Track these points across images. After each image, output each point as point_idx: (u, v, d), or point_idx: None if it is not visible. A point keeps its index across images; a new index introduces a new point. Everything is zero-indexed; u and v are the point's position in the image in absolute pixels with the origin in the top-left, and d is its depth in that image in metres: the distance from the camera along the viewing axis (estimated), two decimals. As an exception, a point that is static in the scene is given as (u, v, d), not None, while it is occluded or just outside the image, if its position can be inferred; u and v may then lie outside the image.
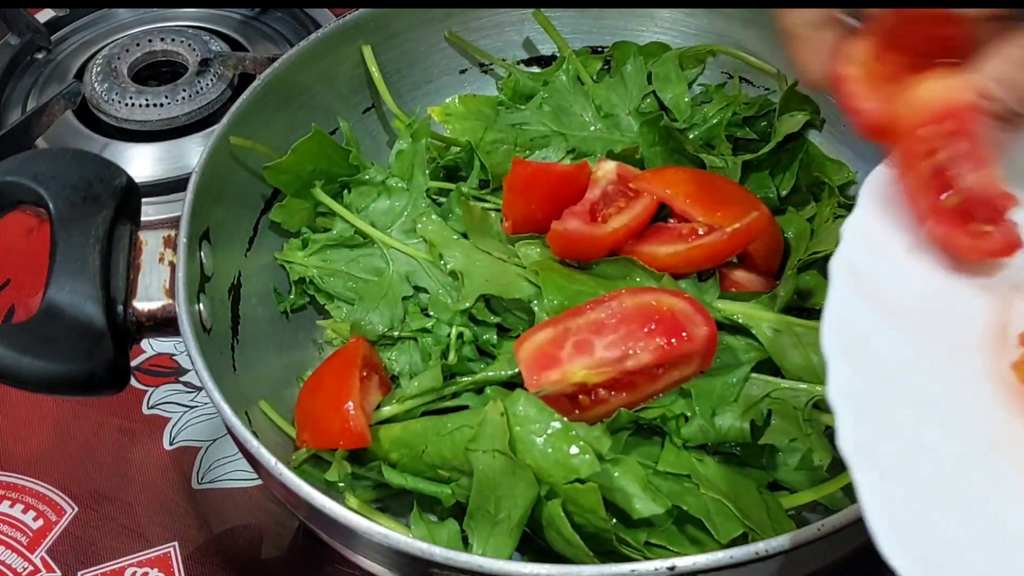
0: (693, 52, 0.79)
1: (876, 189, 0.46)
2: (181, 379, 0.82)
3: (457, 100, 0.79)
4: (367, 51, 0.77)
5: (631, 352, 0.58)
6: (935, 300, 0.45)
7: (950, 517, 0.38)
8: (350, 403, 0.59)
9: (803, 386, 0.60)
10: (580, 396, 0.59)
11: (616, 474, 0.55)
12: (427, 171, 0.73)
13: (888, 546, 0.36)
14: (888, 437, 0.39)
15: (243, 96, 0.70)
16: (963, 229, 0.46)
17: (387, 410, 0.62)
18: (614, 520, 0.55)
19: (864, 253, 0.44)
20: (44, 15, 1.11)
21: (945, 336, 0.44)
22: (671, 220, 0.68)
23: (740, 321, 0.62)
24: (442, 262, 0.68)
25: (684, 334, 0.58)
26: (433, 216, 0.71)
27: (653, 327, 0.58)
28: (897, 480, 0.38)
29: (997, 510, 0.39)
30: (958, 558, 0.37)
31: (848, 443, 0.38)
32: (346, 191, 0.74)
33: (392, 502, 0.63)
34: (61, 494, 0.75)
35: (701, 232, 0.65)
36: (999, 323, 0.45)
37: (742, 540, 0.55)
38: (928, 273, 0.45)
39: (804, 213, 0.72)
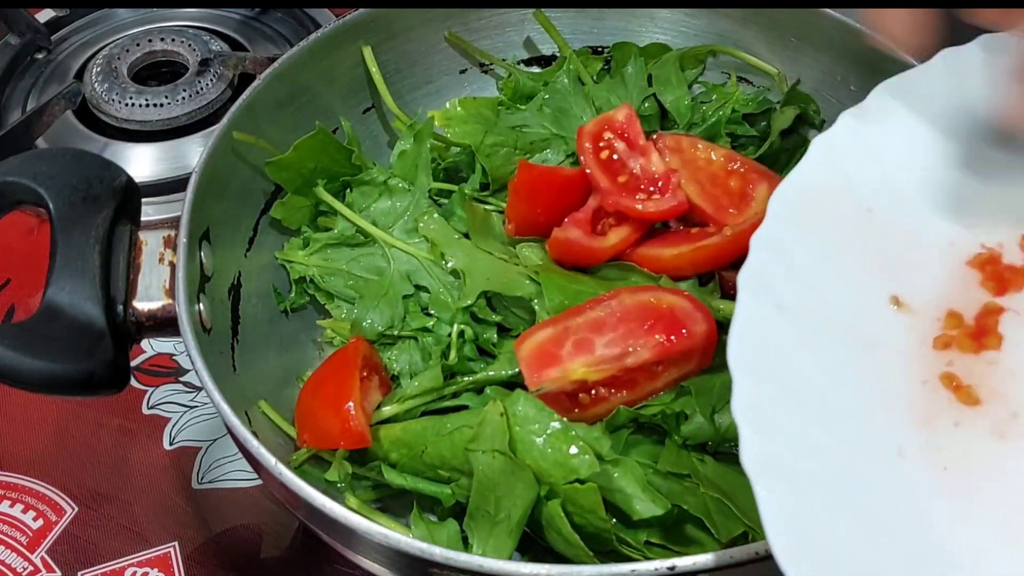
0: (693, 53, 0.79)
1: (784, 202, 0.46)
2: (181, 379, 0.82)
3: (457, 104, 0.79)
4: (367, 52, 0.77)
5: (631, 349, 0.58)
6: (843, 309, 0.45)
7: (853, 528, 0.38)
8: (350, 403, 0.59)
9: (803, 386, 0.59)
10: (580, 394, 0.59)
11: (616, 475, 0.55)
12: (430, 172, 0.73)
13: (784, 557, 0.35)
14: (791, 450, 0.39)
15: (243, 96, 0.70)
16: (631, 198, 0.65)
17: (387, 410, 0.62)
18: (614, 520, 0.55)
19: (773, 266, 0.43)
20: (44, 15, 1.11)
21: (853, 345, 0.44)
22: (671, 225, 0.69)
23: (740, 321, 0.62)
24: (444, 261, 0.68)
25: (684, 331, 0.58)
26: (435, 216, 0.71)
27: (653, 324, 0.58)
28: (798, 493, 0.38)
29: (904, 517, 0.39)
30: (857, 564, 0.37)
31: (749, 457, 0.38)
32: (348, 190, 0.74)
33: (392, 502, 0.63)
34: (61, 494, 0.75)
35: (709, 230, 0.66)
36: (910, 325, 0.45)
37: (742, 540, 0.55)
38: (836, 283, 0.45)
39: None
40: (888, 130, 0.48)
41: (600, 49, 0.82)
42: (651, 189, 0.67)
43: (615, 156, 0.69)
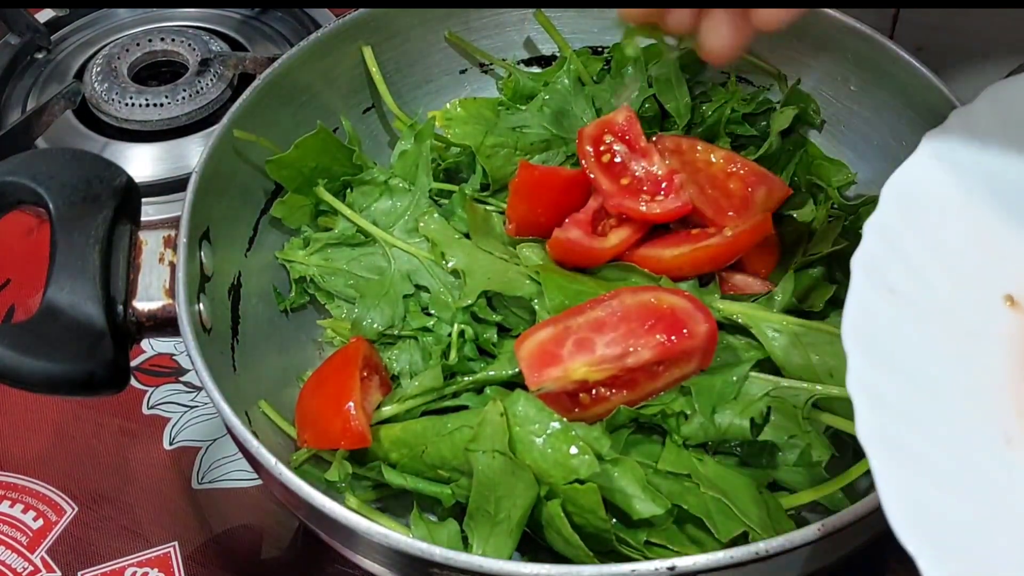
0: (693, 53, 0.79)
1: (898, 189, 0.47)
2: (181, 379, 0.82)
3: (458, 105, 0.79)
4: (367, 52, 0.77)
5: (632, 349, 0.58)
6: (953, 300, 0.46)
7: (964, 505, 0.39)
8: (351, 403, 0.59)
9: (803, 385, 0.60)
10: (581, 394, 0.59)
11: (616, 474, 0.55)
12: (430, 172, 0.73)
13: (903, 530, 0.37)
14: (904, 427, 0.40)
15: (243, 96, 0.70)
16: (635, 200, 0.66)
17: (387, 410, 0.62)
18: (614, 520, 0.55)
19: (884, 251, 0.45)
20: (44, 15, 1.11)
21: (963, 333, 0.45)
22: (672, 226, 0.69)
23: (740, 321, 0.62)
24: (444, 261, 0.68)
25: (685, 331, 0.58)
26: (436, 215, 0.71)
27: (653, 324, 0.58)
28: (911, 467, 0.39)
29: (1010, 500, 0.40)
30: (971, 543, 0.38)
31: (865, 431, 0.39)
32: (348, 190, 0.74)
33: (392, 502, 0.63)
34: (61, 494, 0.75)
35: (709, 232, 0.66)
36: (1020, 322, 0.46)
37: (742, 540, 0.55)
38: (947, 273, 0.47)
39: (802, 214, 0.72)
40: (997, 130, 0.49)
41: (600, 49, 0.82)
42: (654, 191, 0.68)
43: (617, 159, 0.69)
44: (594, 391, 0.59)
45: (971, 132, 0.49)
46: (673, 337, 0.58)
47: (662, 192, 0.67)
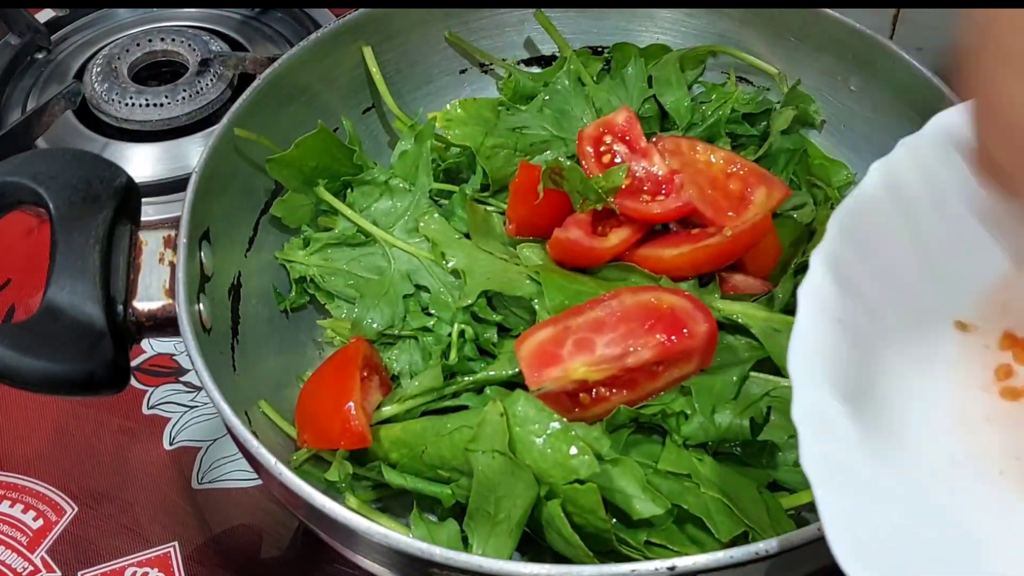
0: (693, 53, 0.79)
1: (844, 221, 0.47)
2: (181, 379, 0.82)
3: (458, 106, 0.79)
4: (368, 52, 0.77)
5: (632, 349, 0.58)
6: (902, 325, 0.47)
7: (908, 531, 0.40)
8: (351, 403, 0.59)
9: (803, 386, 0.59)
10: (581, 394, 0.59)
11: (616, 474, 0.55)
12: (430, 173, 0.73)
13: (847, 561, 0.37)
14: (848, 454, 0.41)
15: (243, 96, 0.70)
16: (636, 200, 0.66)
17: (387, 410, 0.62)
18: (614, 520, 0.55)
19: (831, 283, 0.45)
20: (44, 15, 1.11)
21: (912, 359, 0.46)
22: (671, 226, 0.69)
23: (740, 321, 0.62)
24: (444, 261, 0.68)
25: (685, 331, 0.58)
26: (436, 216, 0.71)
27: (653, 324, 0.58)
28: (856, 495, 0.40)
29: (957, 523, 0.41)
30: (917, 569, 0.38)
31: (808, 459, 0.39)
32: (349, 190, 0.74)
33: (392, 502, 0.63)
34: (61, 494, 0.75)
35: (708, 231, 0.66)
36: (972, 342, 0.47)
37: (742, 539, 0.55)
38: (895, 299, 0.47)
39: (802, 214, 0.72)
40: (941, 159, 0.49)
41: (600, 49, 0.82)
42: (655, 191, 0.68)
43: (617, 159, 0.69)
44: (594, 391, 0.59)
45: (918, 162, 0.49)
46: (673, 337, 0.58)
47: (662, 192, 0.67)
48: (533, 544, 0.57)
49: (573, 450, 0.53)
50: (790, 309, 0.64)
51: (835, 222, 0.46)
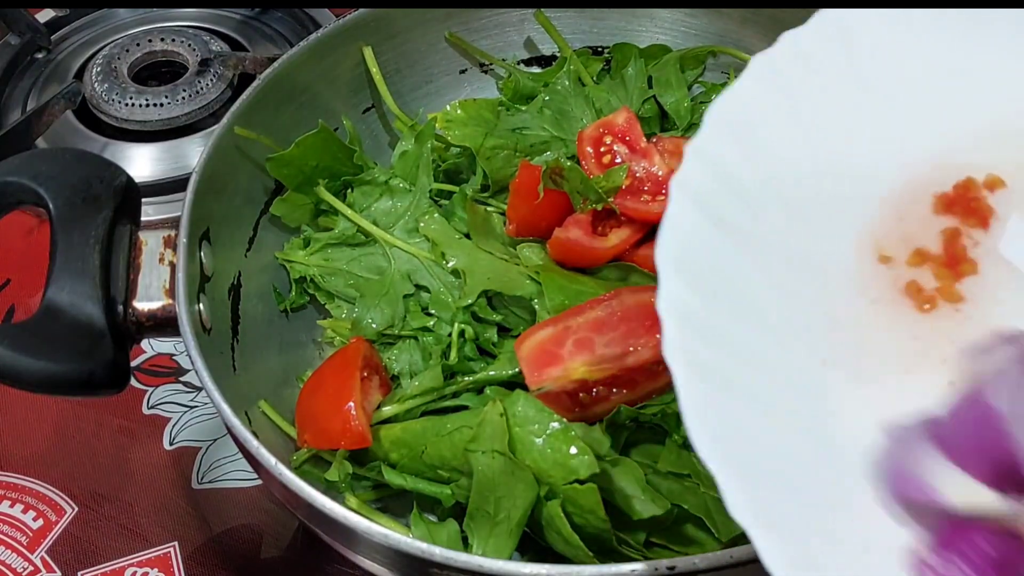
0: (693, 53, 0.79)
1: (725, 116, 0.44)
2: (181, 379, 0.82)
3: (458, 106, 0.79)
4: (368, 52, 0.77)
5: (632, 349, 0.58)
6: (786, 230, 0.44)
7: (771, 430, 0.39)
8: (351, 403, 0.59)
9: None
10: (581, 394, 0.59)
11: (615, 475, 0.55)
12: (431, 173, 0.73)
13: (704, 447, 0.36)
14: (712, 347, 0.39)
15: (243, 96, 0.70)
16: (637, 200, 0.66)
17: (387, 410, 0.62)
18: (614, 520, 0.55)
19: (711, 180, 0.43)
20: (44, 15, 1.11)
21: (801, 267, 0.44)
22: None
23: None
24: (444, 261, 0.68)
25: None
26: (436, 216, 0.71)
27: (654, 323, 0.58)
28: (719, 388, 0.38)
29: (820, 423, 0.40)
30: (775, 463, 0.38)
31: (670, 350, 0.38)
32: (349, 190, 0.74)
33: (392, 502, 0.63)
34: (61, 494, 0.75)
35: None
36: (858, 243, 0.45)
37: (742, 539, 0.55)
38: (781, 204, 0.44)
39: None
40: (828, 51, 0.47)
41: (600, 49, 0.82)
42: (655, 191, 0.68)
43: (617, 160, 0.69)
44: (594, 391, 0.59)
45: (800, 55, 0.46)
46: (673, 337, 0.58)
47: (663, 192, 0.67)
48: (533, 544, 0.57)
49: (573, 450, 0.53)
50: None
51: (715, 115, 0.43)
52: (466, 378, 0.63)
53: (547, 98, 0.78)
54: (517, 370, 0.61)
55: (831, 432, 0.40)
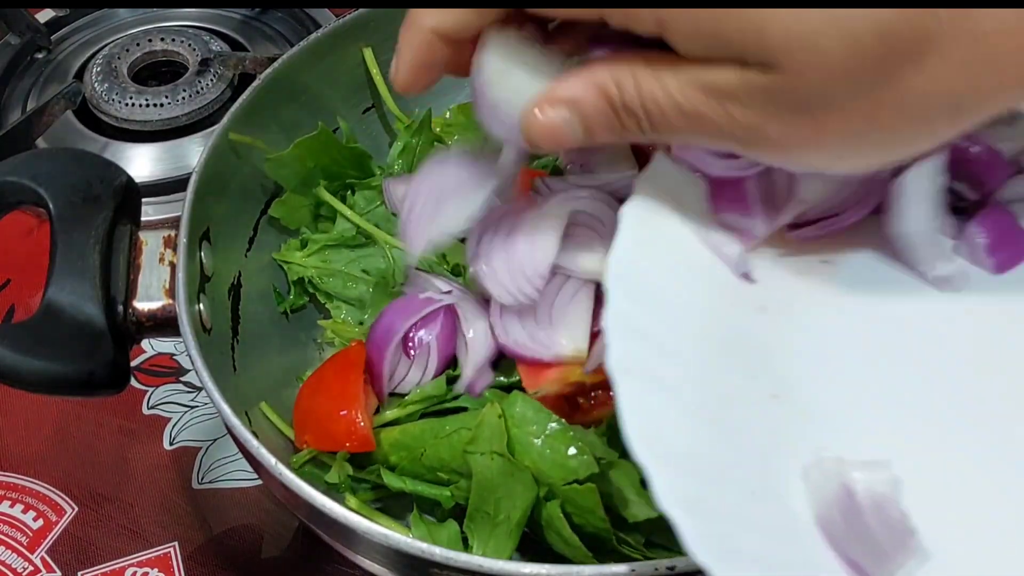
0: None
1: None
2: (181, 379, 0.82)
3: (457, 110, 0.79)
4: (368, 54, 0.77)
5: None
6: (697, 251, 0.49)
7: (701, 428, 0.42)
8: (357, 406, 0.59)
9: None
10: (579, 398, 0.59)
11: (612, 477, 0.55)
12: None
13: (640, 450, 0.40)
14: (650, 357, 0.43)
15: (243, 96, 0.70)
16: None
17: (389, 413, 0.62)
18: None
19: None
20: (44, 15, 1.11)
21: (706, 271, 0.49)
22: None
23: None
24: (446, 262, 0.68)
25: None
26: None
27: None
28: (655, 392, 0.42)
29: (742, 424, 0.44)
30: (708, 465, 0.41)
31: (612, 361, 0.41)
32: (349, 192, 0.74)
33: (392, 502, 0.63)
34: (61, 494, 0.75)
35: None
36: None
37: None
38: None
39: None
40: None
41: (600, 49, 0.82)
42: None
43: None
44: (592, 395, 0.59)
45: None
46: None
47: None
48: (533, 545, 0.57)
49: (572, 450, 0.53)
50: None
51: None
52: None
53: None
54: (517, 378, 0.61)
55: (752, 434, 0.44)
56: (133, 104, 0.98)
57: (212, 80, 1.00)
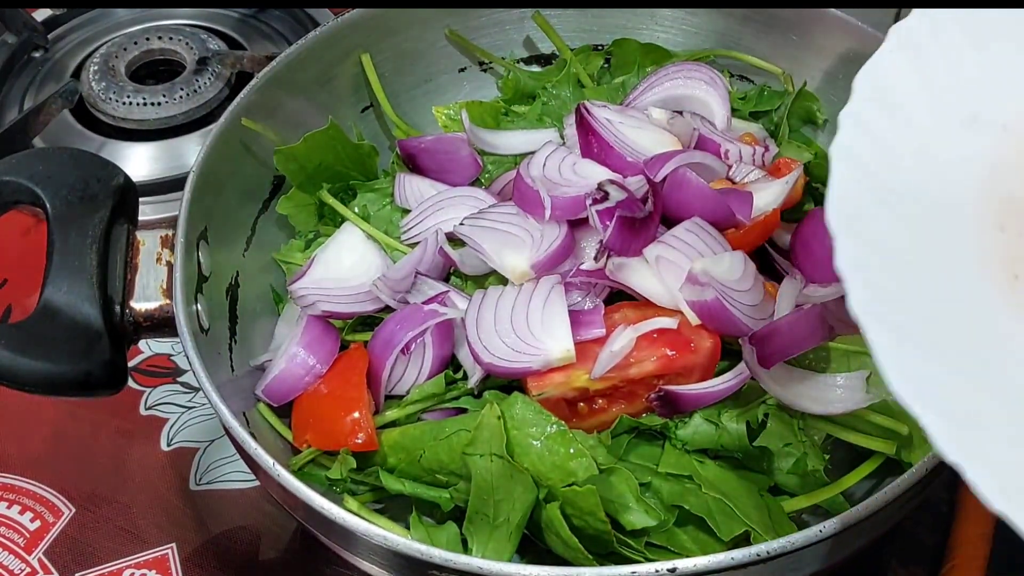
0: (695, 57, 0.79)
1: (870, 79, 0.48)
2: (179, 380, 0.82)
3: (461, 108, 0.79)
4: (366, 59, 0.77)
5: (635, 360, 0.57)
6: (928, 177, 0.47)
7: (957, 366, 0.41)
8: (361, 407, 0.59)
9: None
10: (580, 404, 0.59)
11: (611, 483, 0.54)
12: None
13: (906, 394, 0.38)
14: (892, 300, 0.42)
15: (241, 95, 0.69)
16: None
17: (389, 414, 0.62)
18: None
19: (860, 139, 0.46)
20: (41, 14, 1.11)
21: (939, 208, 0.47)
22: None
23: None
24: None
25: (692, 344, 0.58)
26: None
27: (659, 337, 0.58)
28: (905, 333, 0.41)
29: (1002, 359, 0.42)
30: (969, 400, 0.39)
31: (858, 305, 0.40)
32: (352, 195, 0.74)
33: (391, 504, 0.63)
34: (58, 495, 0.75)
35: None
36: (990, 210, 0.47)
37: (743, 541, 0.55)
38: (922, 155, 0.47)
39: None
40: (956, 29, 0.50)
41: (600, 46, 0.82)
42: None
43: None
44: (592, 402, 0.59)
45: (934, 29, 0.49)
46: (677, 351, 0.58)
47: None
48: (533, 546, 0.57)
49: (571, 452, 0.53)
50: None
51: (860, 82, 0.47)
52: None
53: (545, 100, 0.78)
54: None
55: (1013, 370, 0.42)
56: (130, 103, 0.98)
57: (210, 79, 1.00)
